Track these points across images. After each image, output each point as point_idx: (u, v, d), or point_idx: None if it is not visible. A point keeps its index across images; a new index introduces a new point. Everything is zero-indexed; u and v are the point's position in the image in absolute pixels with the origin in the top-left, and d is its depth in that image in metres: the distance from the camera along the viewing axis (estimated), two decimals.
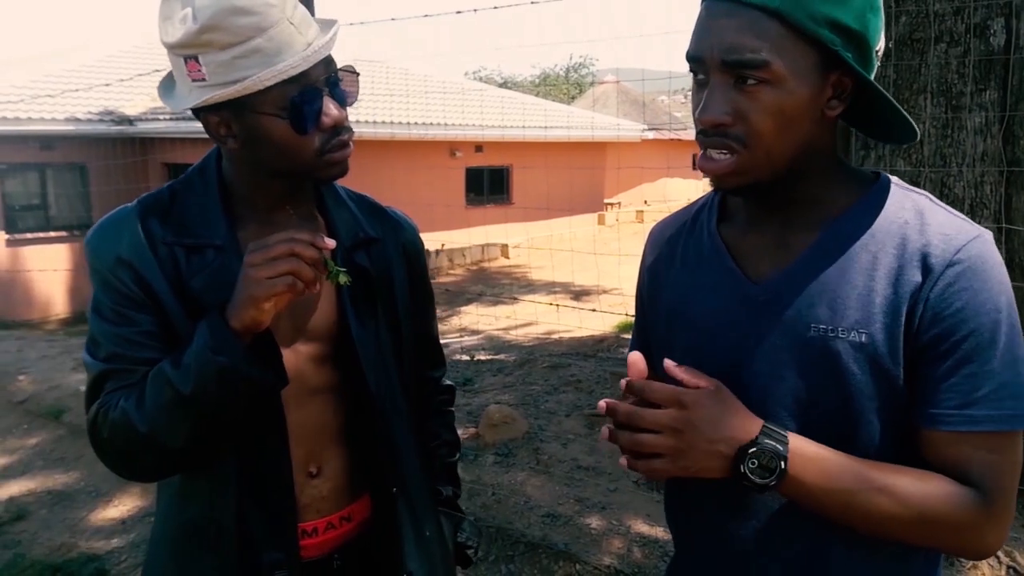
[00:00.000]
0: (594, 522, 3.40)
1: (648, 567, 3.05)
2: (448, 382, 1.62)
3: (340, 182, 1.33)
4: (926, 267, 0.93)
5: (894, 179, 1.03)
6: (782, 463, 0.90)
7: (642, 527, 3.36)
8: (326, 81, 1.17)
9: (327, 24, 1.21)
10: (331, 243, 1.11)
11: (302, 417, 1.26)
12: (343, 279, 1.16)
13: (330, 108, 1.16)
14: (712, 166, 0.97)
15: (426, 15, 4.40)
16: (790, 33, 0.90)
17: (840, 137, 2.22)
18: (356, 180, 1.27)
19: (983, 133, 3.25)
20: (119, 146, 12.54)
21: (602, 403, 0.95)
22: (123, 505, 4.11)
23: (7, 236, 11.95)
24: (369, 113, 13.40)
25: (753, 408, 0.96)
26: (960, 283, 0.92)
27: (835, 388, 0.96)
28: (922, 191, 1.02)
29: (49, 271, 11.79)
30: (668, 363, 0.97)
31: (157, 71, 12.58)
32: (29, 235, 12.15)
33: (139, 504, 4.06)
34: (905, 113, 0.96)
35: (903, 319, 0.93)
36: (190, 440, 1.13)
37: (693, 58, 0.96)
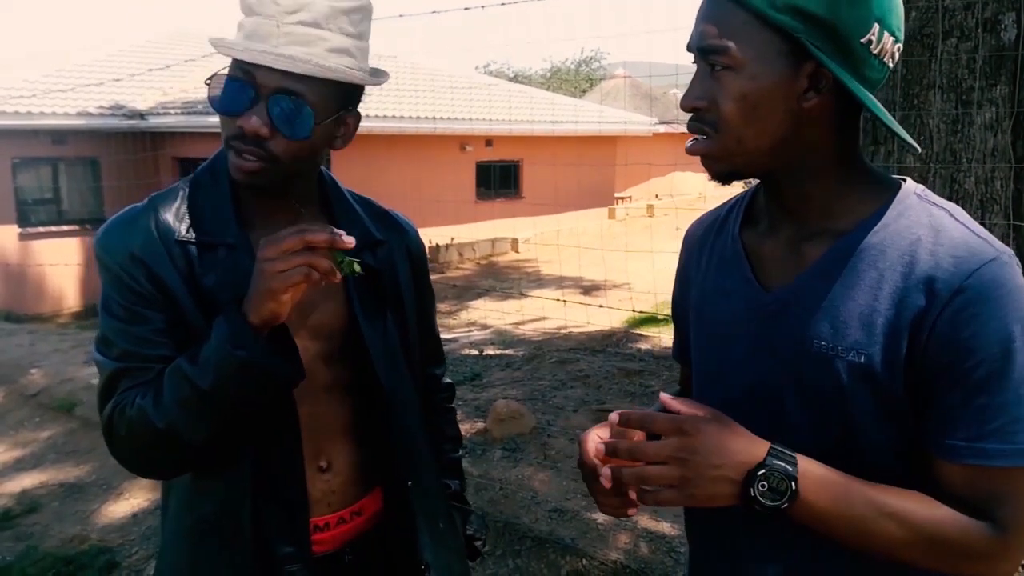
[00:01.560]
0: (601, 517, 3.40)
1: (655, 562, 3.05)
2: (448, 380, 1.65)
3: (347, 178, 1.34)
4: (931, 292, 0.89)
5: (919, 189, 0.99)
6: (793, 484, 0.88)
7: (649, 522, 3.36)
8: (270, 92, 1.12)
9: (339, 54, 1.15)
10: (348, 239, 1.08)
11: (312, 413, 1.28)
12: (356, 268, 1.14)
13: (251, 114, 1.12)
14: (694, 147, 0.99)
15: (434, 11, 4.39)
16: (755, 20, 0.90)
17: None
18: (366, 174, 1.31)
19: (993, 129, 3.22)
20: (130, 140, 12.60)
21: (598, 445, 0.95)
22: (134, 498, 4.14)
23: (19, 230, 12.02)
24: (377, 107, 13.41)
25: (763, 422, 0.95)
26: (969, 311, 0.87)
27: (838, 407, 0.95)
28: (947, 204, 0.98)
29: (61, 265, 11.86)
30: (663, 396, 0.96)
31: (168, 66, 12.66)
32: (41, 228, 12.21)
33: (150, 497, 4.09)
34: (883, 111, 0.93)
35: (904, 343, 0.91)
36: (208, 436, 1.14)
37: (688, 48, 0.99)
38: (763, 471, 0.88)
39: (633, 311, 6.50)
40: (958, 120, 3.23)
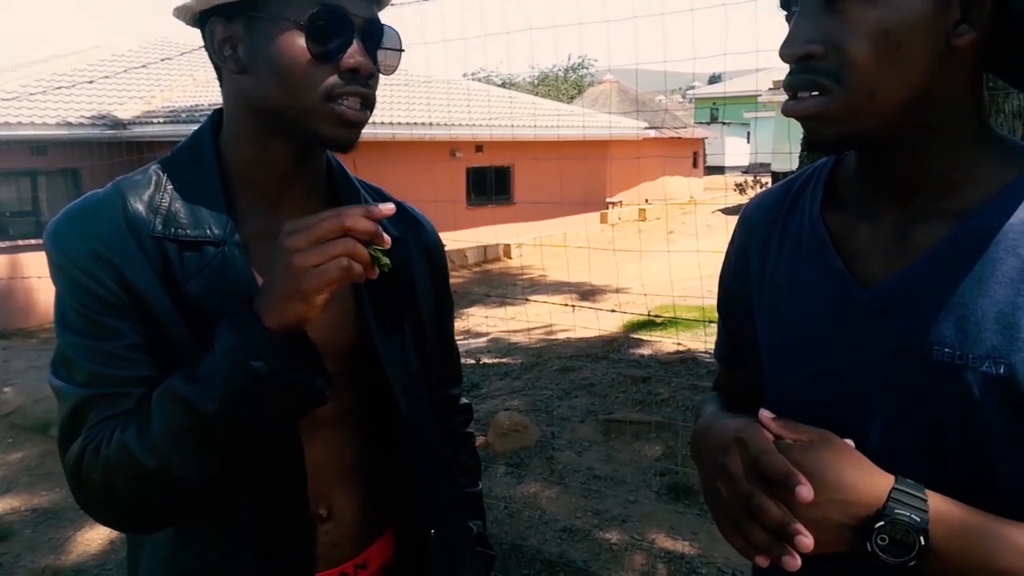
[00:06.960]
0: (614, 536, 3.21)
1: None
2: (465, 401, 1.41)
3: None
4: None
5: None
6: (922, 538, 0.70)
7: (666, 541, 3.16)
8: (366, 24, 0.96)
9: None
10: (390, 208, 0.88)
11: (311, 451, 1.04)
12: (385, 262, 0.94)
13: (357, 50, 0.95)
14: (799, 107, 0.78)
15: None
16: None
17: None
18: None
19: (1022, 116, 3.10)
20: (112, 150, 12.34)
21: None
22: None
23: None
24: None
25: (864, 446, 0.77)
26: None
27: (966, 428, 0.76)
28: None
29: (34, 278, 11.57)
30: (763, 414, 0.80)
31: (145, 65, 12.39)
32: (20, 242, 11.95)
33: None
34: None
35: None
36: (210, 473, 0.91)
37: None
38: (881, 523, 0.71)
39: (648, 315, 6.31)
40: (985, 108, 3.09)
